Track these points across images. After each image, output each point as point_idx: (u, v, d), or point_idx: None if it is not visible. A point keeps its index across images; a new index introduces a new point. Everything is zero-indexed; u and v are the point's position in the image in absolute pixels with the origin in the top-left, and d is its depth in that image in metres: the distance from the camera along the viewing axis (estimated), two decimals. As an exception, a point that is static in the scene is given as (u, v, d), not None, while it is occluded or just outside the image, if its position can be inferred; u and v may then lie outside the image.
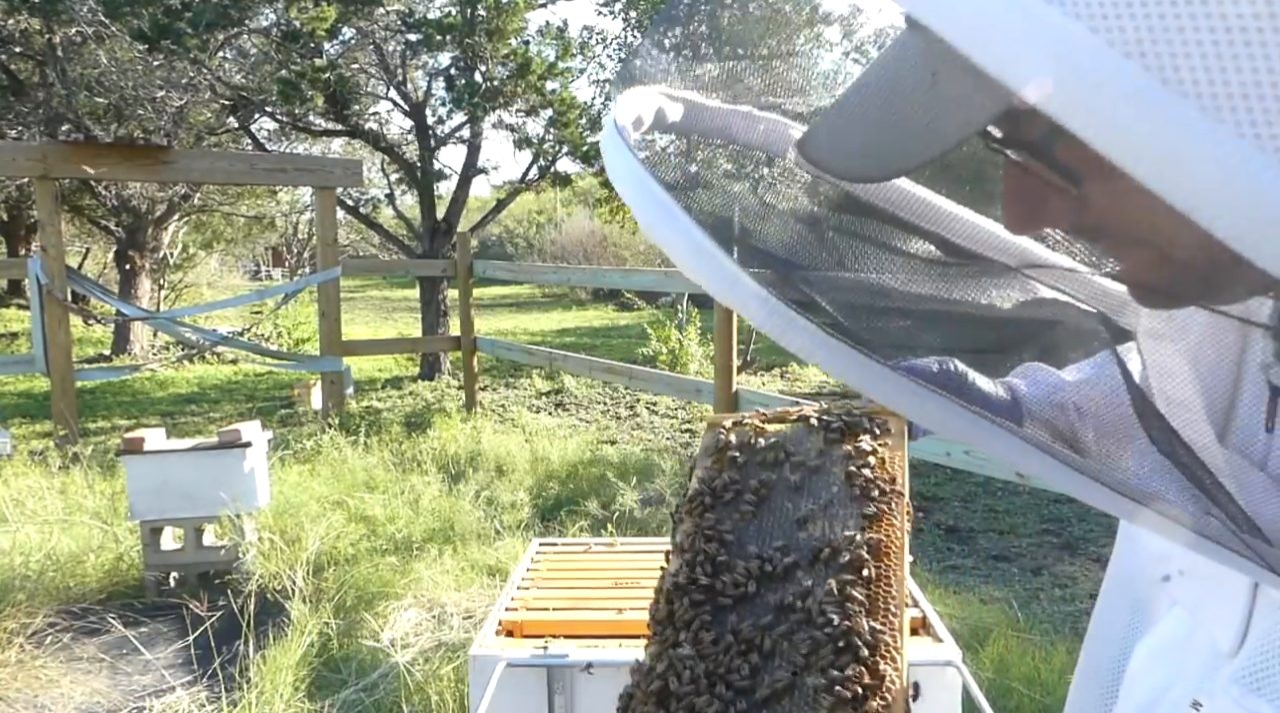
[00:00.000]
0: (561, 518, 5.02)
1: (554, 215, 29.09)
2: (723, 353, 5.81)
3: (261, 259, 29.69)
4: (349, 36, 10.29)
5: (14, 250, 17.13)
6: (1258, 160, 0.31)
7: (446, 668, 3.20)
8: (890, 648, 0.60)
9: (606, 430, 7.78)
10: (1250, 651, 0.53)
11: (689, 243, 0.44)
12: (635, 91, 0.55)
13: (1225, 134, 0.31)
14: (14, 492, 5.25)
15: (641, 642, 1.95)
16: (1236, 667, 0.54)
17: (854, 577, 0.63)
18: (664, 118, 0.58)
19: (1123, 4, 0.32)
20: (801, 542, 0.66)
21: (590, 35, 11.71)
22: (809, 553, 0.65)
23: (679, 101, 0.58)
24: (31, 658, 3.54)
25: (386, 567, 4.18)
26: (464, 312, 8.27)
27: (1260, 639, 0.53)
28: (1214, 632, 0.57)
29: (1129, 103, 0.31)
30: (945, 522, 5.19)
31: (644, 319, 13.81)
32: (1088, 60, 0.31)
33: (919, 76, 0.42)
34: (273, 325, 12.86)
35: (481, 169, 11.13)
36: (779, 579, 0.64)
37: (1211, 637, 0.57)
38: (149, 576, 4.28)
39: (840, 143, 0.48)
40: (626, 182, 0.47)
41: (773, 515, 0.69)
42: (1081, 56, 0.31)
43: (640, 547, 2.37)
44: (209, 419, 8.47)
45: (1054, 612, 3.90)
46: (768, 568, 0.65)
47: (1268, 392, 0.53)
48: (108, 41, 9.10)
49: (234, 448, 4.29)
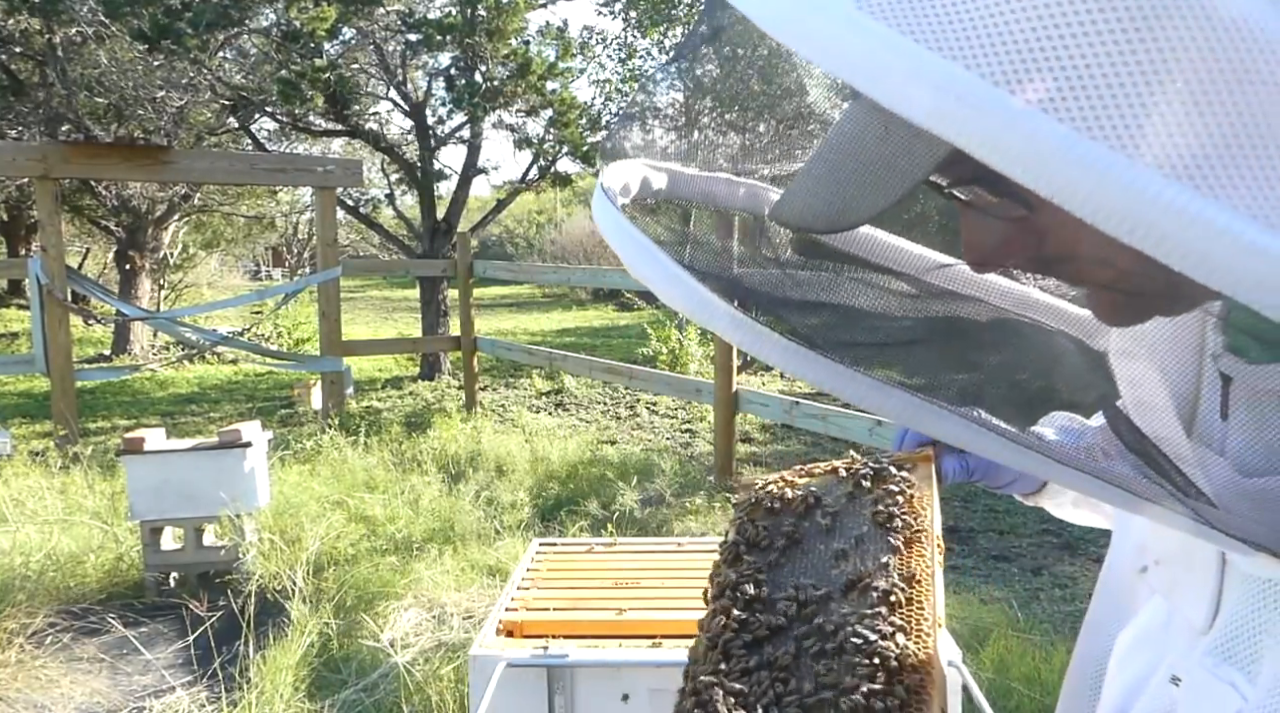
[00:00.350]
0: (561, 518, 5.02)
1: (554, 215, 29.09)
2: (723, 353, 5.81)
3: (261, 259, 29.69)
4: (349, 36, 10.29)
5: (14, 250, 17.14)
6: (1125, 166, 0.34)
7: (446, 668, 3.20)
8: (923, 666, 0.61)
9: (606, 430, 7.78)
10: (1221, 624, 0.57)
11: (661, 271, 0.51)
12: (620, 164, 0.62)
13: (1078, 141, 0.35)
14: (14, 492, 5.26)
15: (641, 642, 1.95)
16: (1209, 640, 0.57)
17: (883, 601, 0.65)
18: (649, 186, 0.65)
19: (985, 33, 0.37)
20: (834, 577, 0.69)
21: (590, 35, 11.74)
22: (841, 585, 0.68)
23: (662, 171, 0.65)
24: (31, 658, 3.54)
25: (386, 567, 4.18)
26: (464, 312, 8.27)
27: (1230, 613, 0.57)
28: (1189, 613, 0.60)
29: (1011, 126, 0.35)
30: (945, 522, 5.18)
31: (644, 319, 13.82)
32: (964, 89, 0.35)
33: (874, 132, 0.47)
34: (273, 325, 12.86)
35: (481, 169, 11.14)
36: (813, 611, 0.68)
37: (1187, 618, 0.60)
38: (149, 576, 4.28)
39: (808, 202, 0.54)
40: (611, 231, 0.54)
41: (806, 557, 0.73)
42: (959, 87, 0.35)
43: (640, 547, 2.37)
44: (209, 419, 8.47)
45: (1054, 612, 3.90)
46: (801, 598, 0.68)
47: (1220, 382, 0.57)
48: (108, 41, 9.11)
49: (234, 448, 4.29)
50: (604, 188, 0.58)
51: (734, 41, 0.58)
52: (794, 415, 5.30)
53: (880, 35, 0.37)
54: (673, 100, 0.65)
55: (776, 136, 0.66)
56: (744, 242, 0.68)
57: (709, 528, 4.84)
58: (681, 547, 2.34)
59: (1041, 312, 0.68)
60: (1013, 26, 0.37)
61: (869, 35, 0.37)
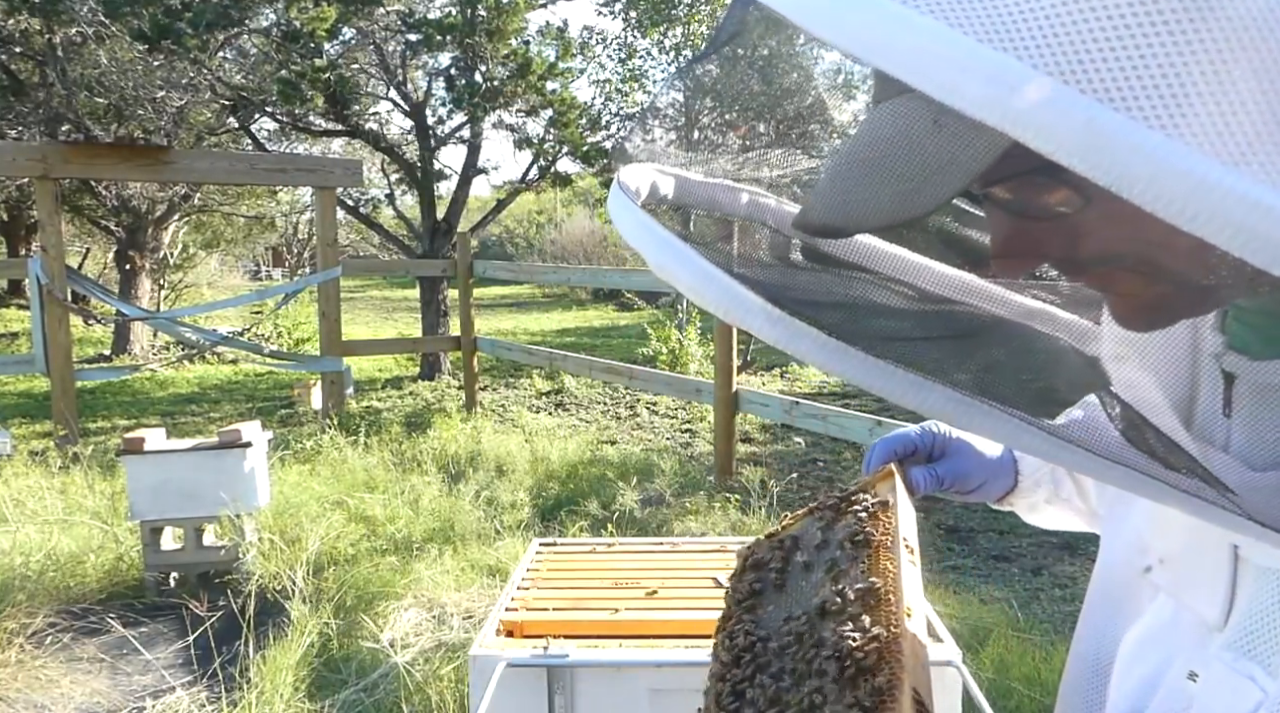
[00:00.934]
0: (561, 518, 5.02)
1: (554, 215, 29.09)
2: (723, 353, 5.81)
3: (261, 259, 29.69)
4: (349, 36, 10.29)
5: (14, 250, 17.14)
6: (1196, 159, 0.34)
7: (446, 668, 3.20)
8: (891, 652, 0.62)
9: (606, 430, 7.78)
10: (1237, 619, 0.57)
11: (692, 268, 0.49)
12: (632, 168, 0.62)
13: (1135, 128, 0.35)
14: (14, 492, 5.26)
15: (641, 642, 1.94)
16: (1227, 636, 0.58)
17: (855, 604, 0.68)
18: (658, 191, 0.64)
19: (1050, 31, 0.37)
20: (813, 605, 0.72)
21: (590, 35, 11.73)
22: (817, 609, 0.71)
23: (670, 177, 0.65)
24: (31, 658, 3.54)
25: (386, 567, 4.18)
26: (464, 312, 8.27)
27: (1246, 607, 0.57)
28: (1200, 610, 0.60)
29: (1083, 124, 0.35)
30: (945, 522, 5.19)
31: (644, 319, 13.82)
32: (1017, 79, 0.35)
33: (918, 129, 0.46)
34: (273, 325, 12.86)
35: (481, 169, 11.14)
36: (789, 641, 0.70)
37: (1198, 616, 0.61)
38: (149, 576, 4.28)
39: (841, 205, 0.52)
40: (632, 229, 0.53)
41: (790, 595, 0.77)
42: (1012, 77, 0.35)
43: (640, 547, 2.37)
44: (209, 419, 8.47)
45: (1054, 612, 3.90)
46: (771, 636, 0.72)
47: (1222, 379, 0.58)
48: (108, 41, 9.11)
49: (234, 448, 4.29)
50: (621, 186, 0.56)
51: (757, 42, 0.58)
52: (794, 415, 5.30)
53: (929, 29, 0.37)
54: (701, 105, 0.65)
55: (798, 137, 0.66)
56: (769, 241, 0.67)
57: (709, 528, 4.84)
58: (681, 547, 2.34)
59: (1039, 319, 0.69)
60: (1064, 17, 0.37)
61: (918, 30, 0.37)
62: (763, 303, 0.48)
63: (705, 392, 6.09)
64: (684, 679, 1.61)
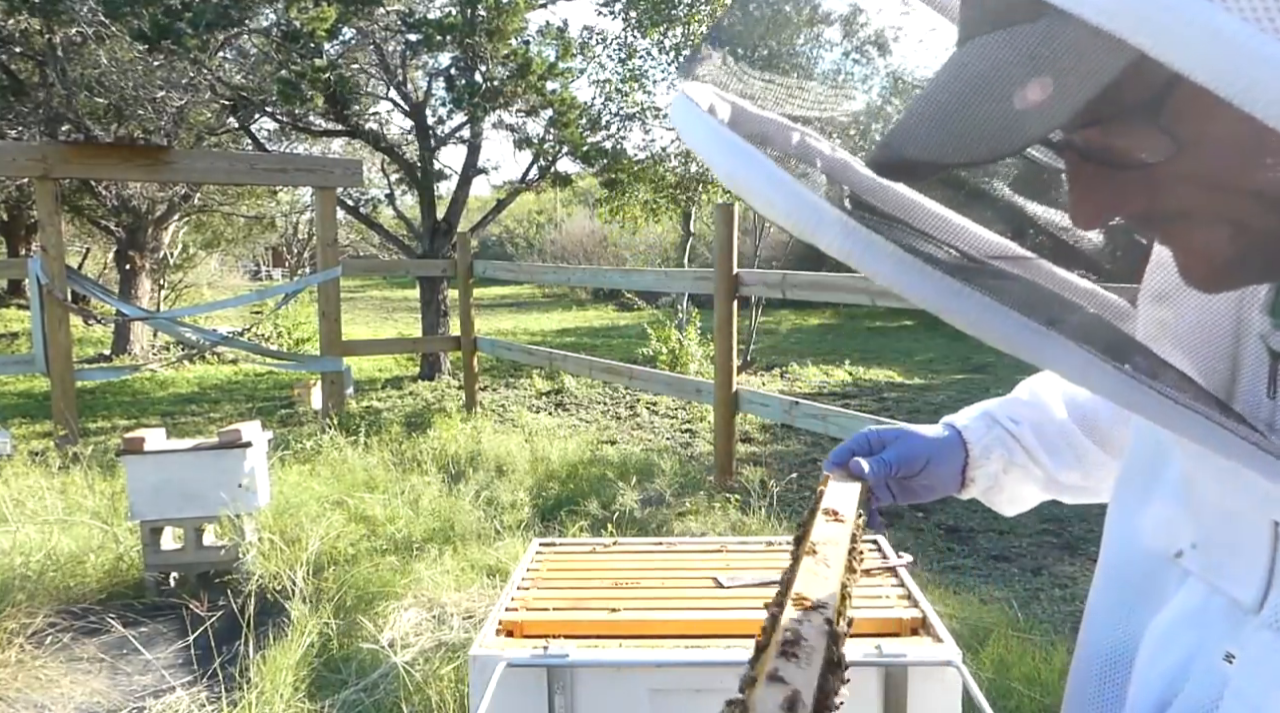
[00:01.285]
0: (561, 518, 5.02)
1: (554, 215, 29.10)
2: (723, 353, 5.81)
3: (261, 259, 29.70)
4: (349, 36, 10.29)
5: (14, 250, 17.14)
6: None
7: (446, 668, 3.20)
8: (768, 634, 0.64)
9: (606, 430, 7.78)
10: (1277, 598, 0.57)
11: (764, 174, 0.47)
12: (693, 84, 0.59)
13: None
14: (14, 492, 5.26)
15: (641, 641, 1.94)
16: (1267, 615, 0.57)
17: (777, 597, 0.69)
18: (714, 113, 0.61)
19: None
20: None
21: (590, 35, 11.71)
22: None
23: (727, 103, 0.62)
24: (31, 658, 3.54)
25: (386, 567, 4.18)
26: (464, 312, 8.27)
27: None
28: (1236, 593, 0.60)
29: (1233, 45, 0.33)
30: (945, 522, 5.19)
31: (644, 319, 13.82)
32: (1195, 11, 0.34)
33: (1017, 62, 0.45)
34: (273, 325, 12.86)
35: (481, 169, 11.13)
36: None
37: (1231, 599, 0.60)
38: (149, 576, 4.28)
39: (931, 136, 0.50)
40: (699, 135, 0.51)
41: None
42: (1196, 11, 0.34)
43: (641, 547, 2.37)
44: (209, 419, 8.47)
45: (1054, 612, 3.90)
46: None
47: (1269, 359, 0.57)
48: (108, 41, 9.11)
49: (234, 448, 4.29)
50: (687, 97, 0.54)
51: None
52: (794, 415, 5.30)
53: None
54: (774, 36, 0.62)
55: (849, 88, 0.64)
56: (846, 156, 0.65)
57: (709, 528, 4.84)
58: (681, 547, 2.34)
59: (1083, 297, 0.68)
60: None
61: None
62: (840, 215, 0.46)
63: (705, 392, 6.09)
64: (684, 679, 1.61)
